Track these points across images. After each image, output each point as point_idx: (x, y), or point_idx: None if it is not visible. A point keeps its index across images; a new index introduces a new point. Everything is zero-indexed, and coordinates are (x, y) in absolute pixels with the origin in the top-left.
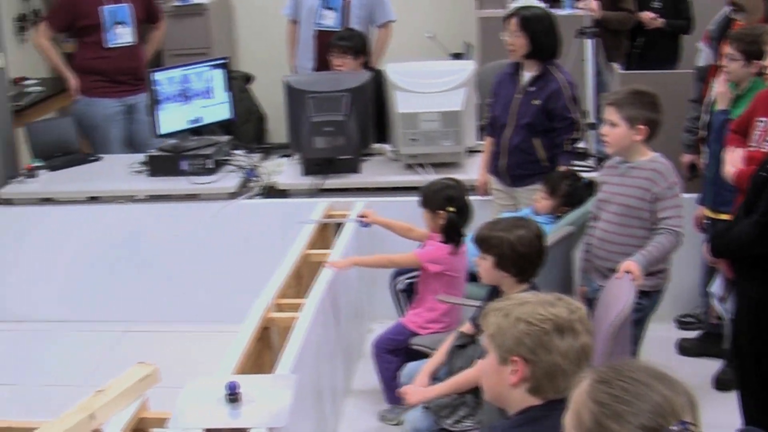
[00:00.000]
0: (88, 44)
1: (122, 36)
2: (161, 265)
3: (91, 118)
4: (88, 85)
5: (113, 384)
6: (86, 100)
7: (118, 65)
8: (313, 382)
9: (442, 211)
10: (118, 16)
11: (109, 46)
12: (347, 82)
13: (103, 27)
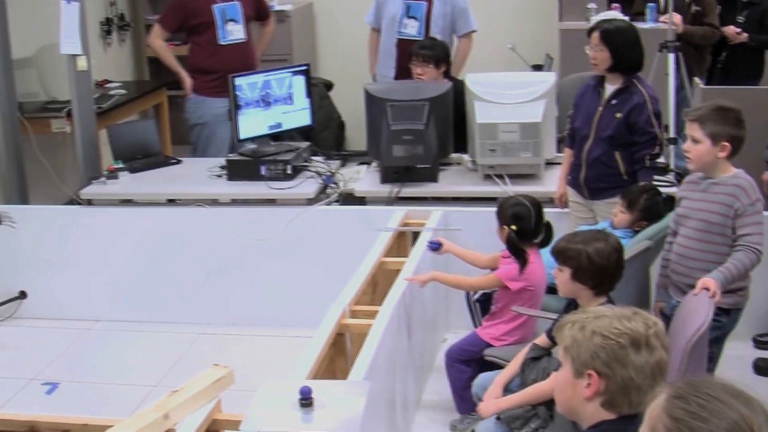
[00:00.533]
0: (201, 43)
1: (234, 33)
2: (237, 269)
3: (200, 117)
4: (200, 84)
5: (188, 385)
6: (197, 98)
7: (231, 62)
8: (385, 390)
9: (506, 227)
10: (229, 13)
11: (222, 43)
12: (427, 91)
13: (215, 25)
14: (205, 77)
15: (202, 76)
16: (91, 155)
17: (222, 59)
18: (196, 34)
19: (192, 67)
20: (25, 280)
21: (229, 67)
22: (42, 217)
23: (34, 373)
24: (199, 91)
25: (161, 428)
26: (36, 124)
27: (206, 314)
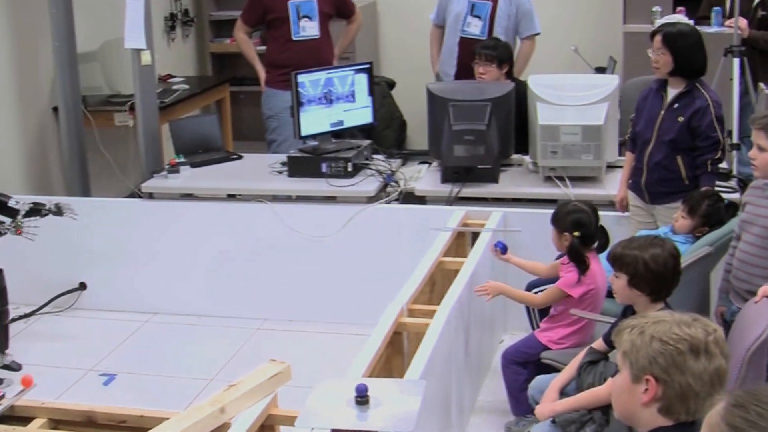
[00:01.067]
0: (276, 38)
1: (307, 29)
2: (296, 265)
3: (272, 109)
4: (272, 77)
5: (245, 379)
6: (269, 91)
7: (302, 58)
8: (441, 389)
9: (568, 234)
10: (304, 9)
11: (295, 38)
12: (490, 91)
13: (289, 20)
14: (277, 71)
15: (274, 69)
16: (153, 149)
17: (293, 54)
18: (272, 29)
19: (266, 61)
20: (85, 272)
21: (300, 62)
22: (103, 210)
23: (92, 363)
24: (270, 84)
25: (217, 422)
26: (99, 118)
27: (264, 309)
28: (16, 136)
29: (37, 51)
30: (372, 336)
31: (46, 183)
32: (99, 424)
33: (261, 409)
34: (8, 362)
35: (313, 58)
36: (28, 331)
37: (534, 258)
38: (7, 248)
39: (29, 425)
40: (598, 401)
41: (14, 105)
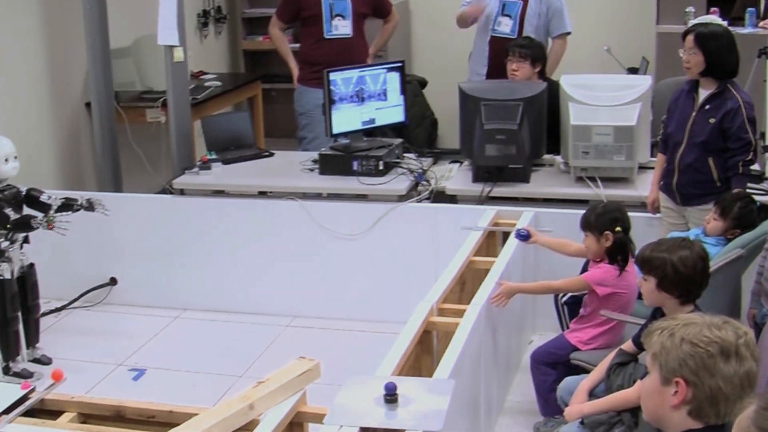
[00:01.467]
0: (309, 35)
1: (340, 28)
2: (326, 262)
3: (303, 106)
4: (305, 74)
5: (274, 376)
6: (301, 88)
7: (334, 57)
8: (469, 389)
9: (610, 233)
10: (338, 8)
11: (327, 36)
12: (522, 91)
13: (323, 18)
14: (309, 68)
15: (307, 67)
16: (184, 145)
17: (325, 52)
18: (306, 26)
19: (299, 58)
20: (116, 267)
21: (331, 60)
22: (135, 206)
23: (122, 358)
24: (302, 81)
25: (246, 418)
26: (131, 114)
27: (294, 307)
28: (49, 132)
29: (70, 47)
30: (401, 334)
31: (78, 178)
32: (128, 419)
33: (290, 406)
34: (39, 356)
35: (346, 57)
36: (58, 326)
37: (565, 259)
38: (38, 243)
39: (59, 419)
40: (627, 404)
41: (47, 100)
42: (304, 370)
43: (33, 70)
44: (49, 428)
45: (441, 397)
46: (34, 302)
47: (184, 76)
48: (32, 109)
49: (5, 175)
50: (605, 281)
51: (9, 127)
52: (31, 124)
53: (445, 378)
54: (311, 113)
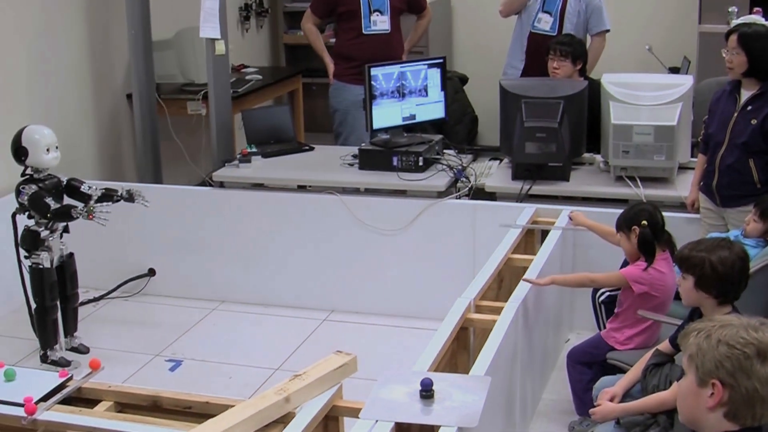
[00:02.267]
0: (346, 30)
1: (378, 24)
2: (364, 257)
3: (340, 103)
4: (342, 71)
5: (311, 370)
6: (337, 84)
7: (372, 52)
8: (505, 386)
9: (636, 227)
10: (376, 4)
11: (365, 32)
12: (563, 89)
13: (360, 14)
14: (346, 64)
15: (343, 62)
16: (224, 138)
17: (364, 48)
18: (342, 21)
19: (335, 54)
20: (154, 258)
21: (369, 56)
22: (174, 197)
23: (159, 349)
24: (339, 77)
25: (282, 411)
26: (172, 106)
27: (331, 301)
28: (90, 123)
29: (113, 38)
30: (438, 330)
31: (118, 169)
32: (164, 409)
33: (326, 400)
34: (77, 345)
35: (383, 53)
36: (96, 315)
37: (602, 258)
38: (78, 233)
39: (96, 407)
40: (663, 406)
41: (89, 91)
42: (340, 364)
43: (75, 61)
44: (86, 416)
45: (477, 394)
46: (72, 291)
47: (225, 69)
48: (74, 100)
49: (46, 165)
50: (642, 279)
51: (50, 117)
52: (73, 115)
53: (481, 375)
54: (347, 110)
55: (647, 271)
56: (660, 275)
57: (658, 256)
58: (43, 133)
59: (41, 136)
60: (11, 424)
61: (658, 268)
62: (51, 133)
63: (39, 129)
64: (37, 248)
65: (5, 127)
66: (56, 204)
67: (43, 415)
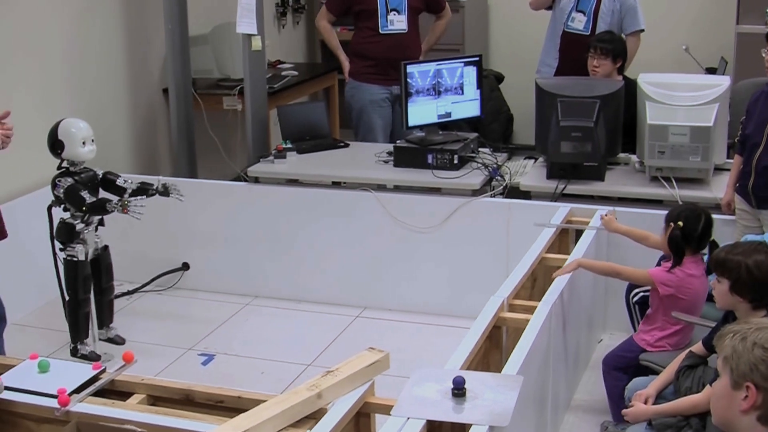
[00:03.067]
0: (363, 29)
1: (395, 23)
2: (398, 254)
3: (357, 102)
4: (358, 69)
5: (343, 366)
6: (354, 83)
7: (389, 52)
8: (537, 386)
9: (672, 224)
10: (393, 3)
11: (382, 31)
12: (599, 88)
13: (378, 13)
14: (362, 63)
15: (359, 61)
16: (260, 134)
17: (380, 48)
18: (359, 20)
19: (352, 52)
20: (188, 252)
21: (386, 55)
22: (209, 192)
23: (192, 343)
24: (355, 75)
25: (314, 407)
26: (208, 101)
27: (365, 298)
28: (126, 117)
29: (149, 33)
30: (471, 329)
31: (153, 163)
32: (197, 403)
33: (358, 397)
34: (113, 335)
35: (400, 53)
36: (130, 308)
37: (636, 258)
38: (113, 226)
39: (128, 400)
40: (695, 409)
41: (125, 85)
42: (372, 361)
43: (112, 56)
44: (119, 409)
45: (509, 393)
46: (108, 284)
47: (261, 64)
48: (110, 94)
49: (82, 158)
50: (669, 281)
51: (87, 111)
52: (109, 109)
53: (513, 374)
54: (364, 108)
55: (675, 273)
56: (689, 278)
57: (688, 259)
58: (79, 126)
59: (77, 129)
60: (44, 415)
61: (688, 270)
62: (87, 126)
63: (75, 122)
64: (72, 241)
65: (42, 121)
66: (91, 197)
67: (75, 406)
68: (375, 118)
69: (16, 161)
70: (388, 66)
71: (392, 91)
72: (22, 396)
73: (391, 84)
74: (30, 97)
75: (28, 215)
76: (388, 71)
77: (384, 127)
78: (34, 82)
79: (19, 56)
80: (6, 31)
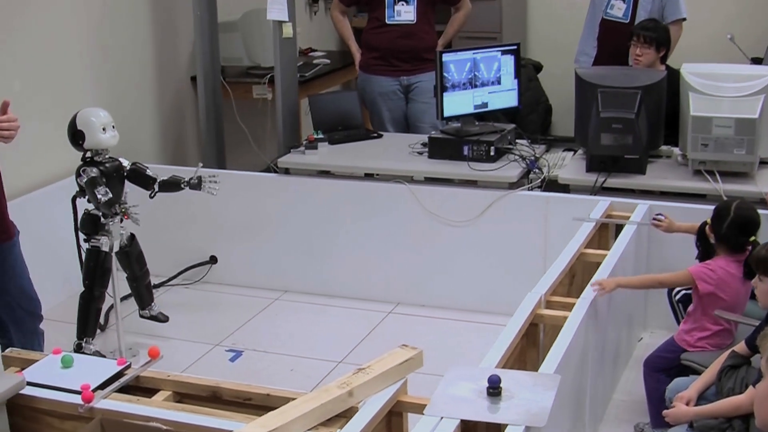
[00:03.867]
0: (371, 20)
1: (402, 14)
2: (433, 248)
3: (368, 94)
4: (367, 61)
5: (375, 364)
6: (364, 75)
7: (395, 43)
8: (575, 385)
9: (709, 219)
10: None
11: (388, 22)
12: (641, 78)
13: (385, 3)
14: (370, 54)
15: (368, 52)
16: (291, 124)
17: (386, 39)
18: (369, 10)
19: (362, 43)
20: (216, 245)
21: (392, 46)
22: (238, 183)
23: (219, 338)
24: (364, 67)
25: (345, 405)
26: (237, 89)
27: (397, 293)
28: (153, 105)
29: (177, 19)
30: (508, 326)
31: (180, 154)
32: (224, 400)
33: (390, 395)
34: (155, 313)
35: (407, 44)
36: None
37: (677, 253)
38: (140, 219)
39: (154, 397)
40: (738, 410)
41: (153, 73)
42: (405, 359)
43: (139, 43)
44: (144, 405)
45: (546, 393)
46: (141, 271)
47: (292, 52)
48: (136, 82)
49: (105, 145)
50: (708, 278)
51: (112, 99)
52: (135, 98)
53: (550, 373)
54: (374, 101)
55: (715, 271)
56: (729, 277)
57: (728, 259)
58: (97, 113)
59: (96, 116)
60: (68, 411)
61: (728, 269)
62: (105, 113)
63: (92, 110)
64: (97, 232)
65: (66, 111)
66: (107, 194)
67: (100, 403)
68: (384, 111)
69: (41, 152)
70: (395, 57)
71: (402, 82)
72: (44, 392)
73: (399, 75)
74: (54, 85)
75: (51, 206)
76: (396, 62)
77: (394, 119)
78: (58, 71)
79: (43, 44)
80: (31, 19)
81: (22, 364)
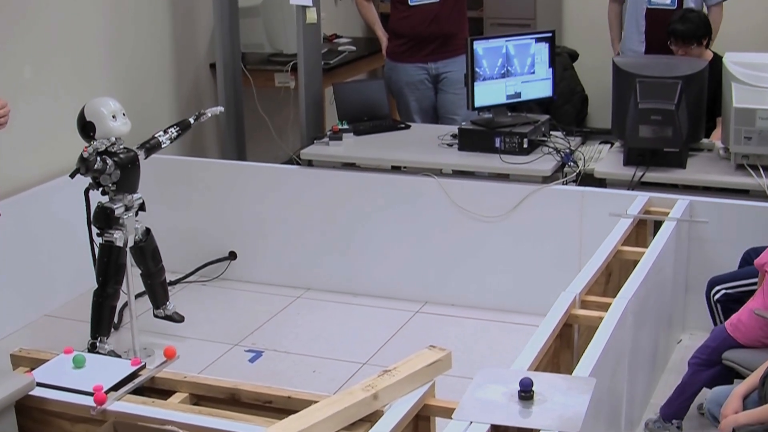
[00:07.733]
0: (395, 4)
1: None
2: (462, 245)
3: (395, 84)
4: (393, 48)
5: (401, 365)
6: (391, 64)
7: (419, 26)
8: (611, 389)
9: None
10: None
11: (411, 3)
12: (681, 68)
13: None
14: (396, 41)
15: (394, 39)
16: (314, 113)
17: (410, 22)
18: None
19: (389, 30)
20: (235, 241)
21: (417, 31)
22: (259, 176)
23: (238, 338)
24: (391, 55)
25: (369, 409)
26: (258, 77)
27: (425, 292)
28: (171, 93)
29: (196, 4)
30: (540, 326)
31: (198, 144)
32: (243, 403)
33: (417, 398)
34: (170, 312)
35: (433, 28)
36: (172, 300)
37: (721, 253)
38: (155, 213)
39: (169, 399)
40: None
41: (171, 59)
42: (433, 360)
43: (156, 28)
44: (159, 408)
45: (580, 397)
46: (156, 268)
47: (316, 38)
48: (154, 69)
49: (117, 133)
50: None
51: (127, 87)
52: (153, 85)
53: (585, 376)
54: (401, 91)
55: None
56: None
57: None
58: (105, 102)
59: (104, 105)
60: (79, 414)
61: None
62: (114, 101)
63: (100, 100)
64: (111, 226)
65: (82, 99)
66: (112, 187)
67: (113, 405)
68: (411, 101)
69: (53, 143)
70: (421, 41)
71: (430, 71)
72: (55, 393)
73: (426, 61)
74: (69, 73)
75: (63, 199)
76: (422, 47)
77: (421, 110)
78: (74, 58)
79: (57, 29)
80: (46, 3)
81: (32, 364)
